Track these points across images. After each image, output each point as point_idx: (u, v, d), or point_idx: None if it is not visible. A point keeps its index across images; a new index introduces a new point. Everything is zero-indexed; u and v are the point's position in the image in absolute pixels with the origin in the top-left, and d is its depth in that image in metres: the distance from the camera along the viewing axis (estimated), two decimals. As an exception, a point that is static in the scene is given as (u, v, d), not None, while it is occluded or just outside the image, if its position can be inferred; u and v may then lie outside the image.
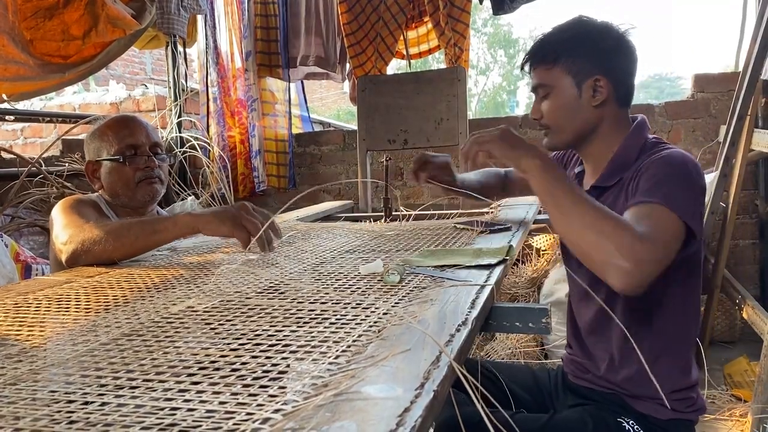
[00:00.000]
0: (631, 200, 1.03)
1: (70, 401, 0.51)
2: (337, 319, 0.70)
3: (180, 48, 3.42)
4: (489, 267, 0.97)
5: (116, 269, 1.15)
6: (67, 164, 2.65)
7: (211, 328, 0.69)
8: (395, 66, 9.02)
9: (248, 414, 0.45)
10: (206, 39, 3.46)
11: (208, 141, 3.46)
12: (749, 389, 2.23)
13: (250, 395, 0.49)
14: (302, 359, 0.57)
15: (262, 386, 0.51)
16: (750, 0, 3.02)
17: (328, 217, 2.10)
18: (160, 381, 0.54)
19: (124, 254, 1.19)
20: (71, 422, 0.47)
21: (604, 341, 1.17)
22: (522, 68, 1.23)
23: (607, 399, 1.16)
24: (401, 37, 3.51)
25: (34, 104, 4.11)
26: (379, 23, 3.36)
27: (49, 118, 3.16)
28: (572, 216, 0.96)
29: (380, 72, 3.39)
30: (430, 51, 3.66)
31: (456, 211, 1.80)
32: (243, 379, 0.53)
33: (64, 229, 1.27)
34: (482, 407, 0.49)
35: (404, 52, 3.65)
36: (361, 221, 1.78)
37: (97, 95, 4.10)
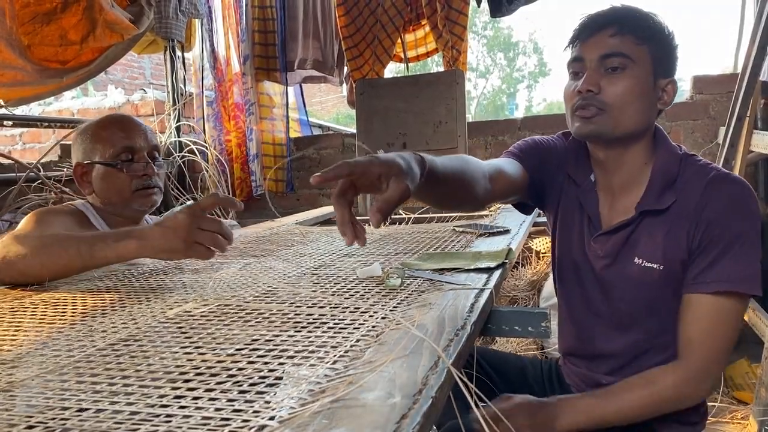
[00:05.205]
0: (701, 277, 0.99)
1: (65, 408, 0.50)
2: (335, 324, 0.69)
3: (179, 52, 3.42)
4: (488, 270, 0.97)
5: (115, 269, 1.14)
6: (65, 169, 2.65)
7: (208, 333, 0.69)
8: (394, 69, 9.02)
9: (244, 421, 0.45)
10: (203, 43, 3.46)
11: (207, 145, 3.46)
12: (750, 392, 2.22)
13: (246, 402, 0.49)
14: (299, 364, 0.56)
15: (258, 392, 0.51)
16: (749, 1, 3.02)
17: (327, 221, 2.10)
18: (156, 387, 0.53)
19: (54, 274, 1.02)
20: (65, 429, 0.46)
21: (623, 361, 1.14)
22: (583, 29, 1.03)
23: None
24: (399, 41, 3.51)
25: (33, 109, 4.11)
26: (377, 26, 3.36)
27: (47, 123, 3.15)
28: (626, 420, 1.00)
29: (378, 75, 3.39)
30: (427, 54, 3.66)
31: (455, 214, 1.80)
32: (240, 385, 0.52)
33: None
34: (483, 416, 0.49)
35: (402, 56, 3.64)
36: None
37: (95, 100, 4.10)
